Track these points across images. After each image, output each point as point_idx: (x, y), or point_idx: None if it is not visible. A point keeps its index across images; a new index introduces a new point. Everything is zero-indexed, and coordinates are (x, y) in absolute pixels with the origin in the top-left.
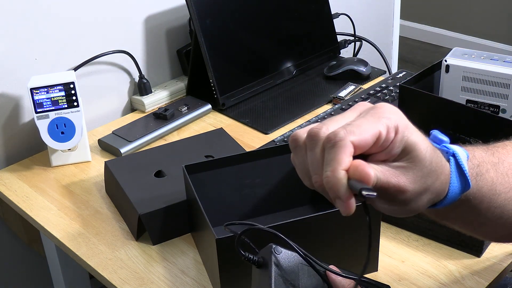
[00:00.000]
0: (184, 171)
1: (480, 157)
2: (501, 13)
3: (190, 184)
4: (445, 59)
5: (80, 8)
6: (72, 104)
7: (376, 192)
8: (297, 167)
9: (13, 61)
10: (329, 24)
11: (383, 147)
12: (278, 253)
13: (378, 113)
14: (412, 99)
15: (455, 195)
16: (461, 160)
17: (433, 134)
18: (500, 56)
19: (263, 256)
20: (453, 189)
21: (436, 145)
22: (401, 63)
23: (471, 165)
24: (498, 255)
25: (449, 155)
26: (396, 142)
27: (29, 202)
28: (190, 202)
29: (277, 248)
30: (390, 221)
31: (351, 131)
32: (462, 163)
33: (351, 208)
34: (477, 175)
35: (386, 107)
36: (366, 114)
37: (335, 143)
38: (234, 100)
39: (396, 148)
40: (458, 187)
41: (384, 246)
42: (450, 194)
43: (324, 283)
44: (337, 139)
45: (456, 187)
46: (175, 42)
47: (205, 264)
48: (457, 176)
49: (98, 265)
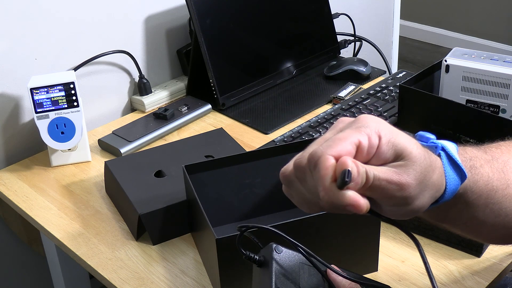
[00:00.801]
0: (184, 171)
1: (472, 153)
2: (501, 13)
3: (190, 184)
4: (445, 59)
5: (80, 8)
6: (72, 104)
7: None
8: (294, 200)
9: (13, 61)
10: (329, 24)
11: (370, 153)
12: (279, 252)
13: (357, 124)
14: (412, 99)
15: (454, 187)
16: (451, 152)
17: (419, 134)
18: (500, 56)
19: (264, 255)
20: (450, 181)
21: (424, 143)
22: (401, 63)
23: (463, 158)
24: (498, 255)
25: (439, 149)
26: (383, 146)
27: (29, 202)
28: (190, 202)
29: (278, 247)
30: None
31: (328, 146)
32: (452, 154)
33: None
34: (471, 168)
35: (366, 117)
36: (345, 128)
37: (316, 163)
38: (234, 100)
39: (386, 152)
40: (455, 179)
41: (384, 246)
42: (448, 186)
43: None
44: (316, 158)
45: (453, 178)
46: (175, 42)
47: (205, 264)
48: (451, 168)
49: (98, 265)
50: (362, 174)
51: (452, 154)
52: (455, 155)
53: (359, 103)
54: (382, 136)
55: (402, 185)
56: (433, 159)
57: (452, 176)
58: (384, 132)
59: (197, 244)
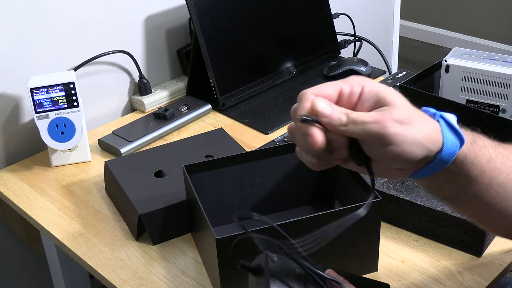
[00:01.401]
0: (184, 171)
1: (473, 135)
2: (501, 13)
3: (190, 184)
4: (445, 59)
5: (80, 8)
6: (72, 104)
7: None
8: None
9: (13, 61)
10: (329, 24)
11: (352, 99)
12: (274, 261)
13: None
14: (412, 99)
15: (452, 148)
16: (449, 119)
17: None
18: (500, 56)
19: (259, 264)
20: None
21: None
22: (401, 63)
23: (464, 131)
24: (498, 255)
25: (437, 116)
26: (365, 94)
27: (29, 202)
28: (190, 202)
29: (272, 256)
30: (390, 221)
31: (313, 88)
32: (450, 121)
33: (314, 140)
34: (473, 142)
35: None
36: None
37: (299, 98)
38: (234, 100)
39: (369, 99)
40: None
41: (384, 246)
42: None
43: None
44: (301, 95)
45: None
46: (175, 42)
47: (205, 264)
48: (449, 130)
49: (98, 265)
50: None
51: (450, 121)
52: (452, 122)
53: None
54: (365, 86)
55: (379, 121)
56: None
57: (450, 137)
58: (368, 83)
59: (197, 244)
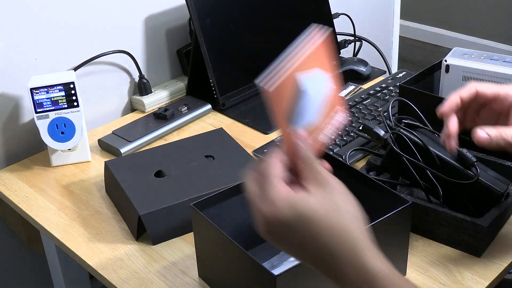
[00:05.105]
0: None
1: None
2: (501, 13)
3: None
4: (445, 59)
5: (80, 8)
6: (72, 104)
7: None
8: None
9: (13, 61)
10: (329, 24)
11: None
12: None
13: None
14: (412, 99)
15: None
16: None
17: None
18: (500, 56)
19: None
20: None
21: None
22: (401, 63)
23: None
24: (498, 255)
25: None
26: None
27: (29, 202)
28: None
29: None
30: None
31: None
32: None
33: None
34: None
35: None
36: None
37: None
38: (234, 100)
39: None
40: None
41: None
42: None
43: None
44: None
45: None
46: (175, 42)
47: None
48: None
49: (98, 265)
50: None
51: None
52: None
53: (359, 103)
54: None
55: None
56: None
57: None
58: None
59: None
